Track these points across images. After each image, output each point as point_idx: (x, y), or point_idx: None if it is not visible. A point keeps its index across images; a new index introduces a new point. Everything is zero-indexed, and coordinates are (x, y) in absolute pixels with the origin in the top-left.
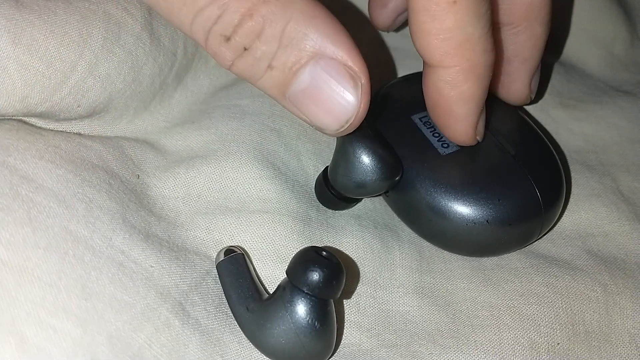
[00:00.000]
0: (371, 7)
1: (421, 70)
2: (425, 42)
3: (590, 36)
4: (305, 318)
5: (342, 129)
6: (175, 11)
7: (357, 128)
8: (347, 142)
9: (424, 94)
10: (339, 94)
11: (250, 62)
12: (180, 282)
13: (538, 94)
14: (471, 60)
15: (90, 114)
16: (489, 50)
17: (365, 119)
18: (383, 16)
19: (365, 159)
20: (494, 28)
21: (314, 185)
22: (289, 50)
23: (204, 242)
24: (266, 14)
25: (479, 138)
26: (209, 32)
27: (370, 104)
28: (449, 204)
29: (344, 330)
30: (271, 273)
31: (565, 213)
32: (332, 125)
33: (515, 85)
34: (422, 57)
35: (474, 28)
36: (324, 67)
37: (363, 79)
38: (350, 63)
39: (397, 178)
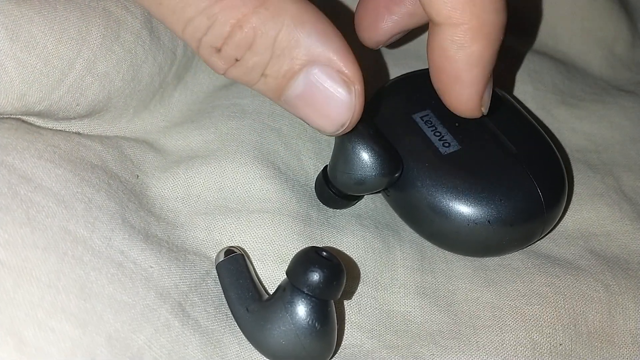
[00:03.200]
0: (360, 23)
1: (421, 69)
2: None
3: (592, 36)
4: (306, 319)
5: (339, 131)
6: (168, 18)
7: (357, 123)
8: (345, 138)
9: (428, 58)
10: (333, 100)
11: (243, 71)
12: (179, 282)
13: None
14: (481, 18)
15: (90, 113)
16: (500, 10)
17: (364, 115)
18: (374, 35)
19: (364, 155)
20: None
21: (314, 185)
22: (282, 60)
23: (203, 242)
24: (257, 24)
25: (484, 110)
26: (200, 42)
27: (367, 104)
28: (450, 204)
29: (345, 331)
30: (271, 273)
31: (568, 213)
32: (329, 128)
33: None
34: (428, 14)
35: None
36: (317, 74)
37: (357, 84)
38: (343, 68)
39: (397, 174)
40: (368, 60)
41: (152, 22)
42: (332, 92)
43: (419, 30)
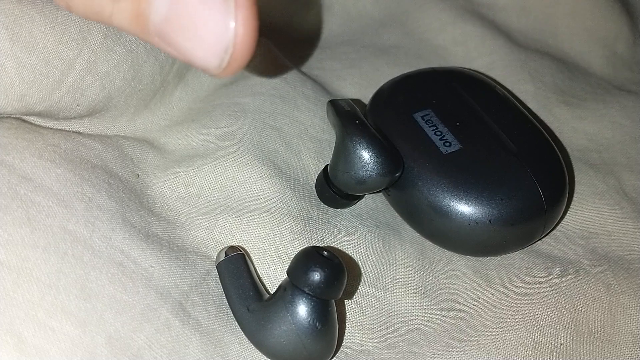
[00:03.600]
0: None
1: (421, 69)
2: None
3: (593, 35)
4: (307, 319)
5: (225, 64)
6: None
7: (358, 123)
8: (346, 137)
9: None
10: (207, 17)
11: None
12: (180, 282)
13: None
14: None
15: (90, 113)
16: None
17: (361, 113)
18: None
19: (365, 155)
20: None
21: (314, 184)
22: None
23: (204, 241)
24: None
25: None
26: None
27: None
28: (451, 204)
29: (346, 331)
30: (272, 273)
31: (569, 212)
32: (210, 60)
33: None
34: None
35: None
36: None
37: None
38: None
39: (397, 174)
40: (367, 60)
41: None
42: (203, 7)
43: (419, 30)
